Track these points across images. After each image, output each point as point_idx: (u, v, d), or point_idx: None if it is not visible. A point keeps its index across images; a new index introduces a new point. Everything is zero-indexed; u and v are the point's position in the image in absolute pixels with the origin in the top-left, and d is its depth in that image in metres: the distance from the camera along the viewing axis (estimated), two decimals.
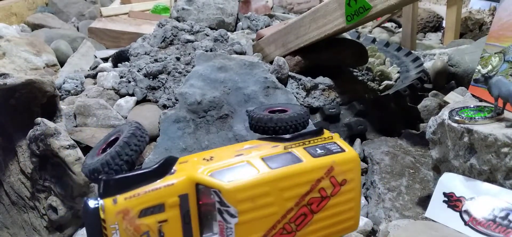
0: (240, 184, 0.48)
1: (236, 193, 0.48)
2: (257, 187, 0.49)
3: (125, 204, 0.46)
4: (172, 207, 0.48)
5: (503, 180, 0.60)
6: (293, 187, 0.51)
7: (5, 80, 0.71)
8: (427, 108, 1.11)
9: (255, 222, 0.49)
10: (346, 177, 0.54)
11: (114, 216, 0.45)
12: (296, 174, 0.51)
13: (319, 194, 0.52)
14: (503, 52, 0.71)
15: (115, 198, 0.46)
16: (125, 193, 0.46)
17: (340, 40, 1.12)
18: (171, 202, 0.48)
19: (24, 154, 0.77)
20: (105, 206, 0.46)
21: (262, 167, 0.51)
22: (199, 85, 0.92)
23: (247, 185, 0.49)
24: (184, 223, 0.49)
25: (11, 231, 0.78)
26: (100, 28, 1.51)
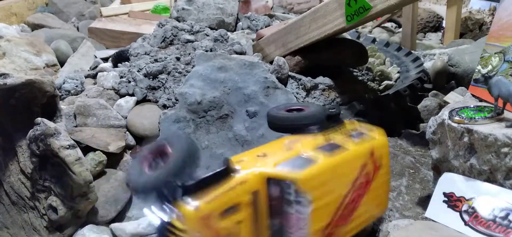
0: (312, 172, 0.49)
1: (310, 181, 0.48)
2: (324, 174, 0.50)
3: (207, 207, 0.43)
4: (246, 205, 0.47)
5: (503, 180, 0.60)
6: (347, 172, 0.53)
7: (5, 80, 0.71)
8: (427, 108, 1.11)
9: (324, 209, 0.50)
10: (382, 160, 0.57)
11: (197, 223, 0.43)
12: (349, 159, 0.53)
13: (364, 178, 0.54)
14: (503, 52, 0.71)
15: (196, 204, 0.43)
16: (202, 197, 0.43)
17: (340, 40, 1.12)
18: (246, 200, 0.47)
19: (24, 154, 0.77)
20: (185, 214, 0.42)
21: (319, 156, 0.51)
22: (199, 85, 0.92)
23: (317, 172, 0.49)
24: (255, 221, 0.48)
25: (11, 231, 0.78)
26: (100, 28, 1.51)
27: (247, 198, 0.47)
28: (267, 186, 0.49)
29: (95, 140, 0.85)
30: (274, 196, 0.50)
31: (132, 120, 0.93)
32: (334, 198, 0.51)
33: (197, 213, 0.43)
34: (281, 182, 0.49)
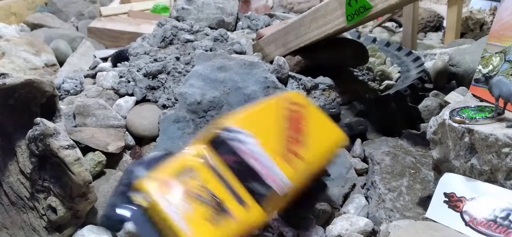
0: (234, 117, 0.62)
1: (239, 123, 0.60)
2: (245, 113, 0.64)
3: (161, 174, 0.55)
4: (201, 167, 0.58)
5: (503, 180, 0.60)
6: (267, 111, 0.66)
7: (4, 80, 0.71)
8: (428, 108, 1.11)
9: (269, 139, 0.60)
10: (300, 102, 0.70)
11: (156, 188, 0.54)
12: (263, 107, 0.67)
13: (292, 115, 0.66)
14: (504, 52, 0.71)
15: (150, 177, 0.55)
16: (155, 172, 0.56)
17: (341, 40, 1.12)
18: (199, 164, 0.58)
19: (23, 154, 0.77)
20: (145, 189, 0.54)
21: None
22: (199, 85, 0.92)
23: (240, 117, 0.63)
24: (217, 174, 0.57)
25: (10, 232, 0.78)
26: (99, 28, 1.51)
27: (198, 162, 0.58)
28: (211, 148, 0.59)
29: (94, 140, 0.85)
30: (221, 150, 0.59)
31: (131, 120, 0.93)
32: (268, 128, 0.62)
33: (147, 180, 0.54)
34: (220, 134, 0.60)
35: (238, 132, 0.59)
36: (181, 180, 0.55)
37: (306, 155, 0.61)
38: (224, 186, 0.57)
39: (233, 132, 0.59)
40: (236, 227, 0.54)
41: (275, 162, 0.57)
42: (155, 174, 0.55)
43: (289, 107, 0.67)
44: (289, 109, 0.67)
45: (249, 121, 0.62)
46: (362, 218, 0.76)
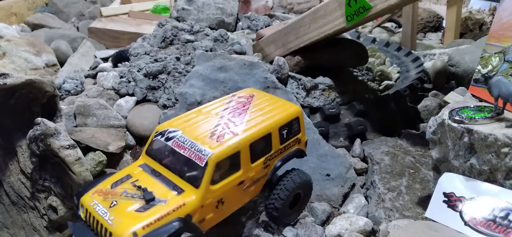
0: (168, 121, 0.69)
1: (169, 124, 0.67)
2: (183, 117, 0.69)
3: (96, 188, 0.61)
4: (139, 173, 0.63)
5: (503, 180, 0.60)
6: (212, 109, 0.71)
7: (5, 80, 0.71)
8: (427, 108, 1.11)
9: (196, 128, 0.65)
10: (251, 93, 0.76)
11: (88, 199, 0.60)
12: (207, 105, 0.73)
13: (236, 104, 0.72)
14: (503, 52, 0.71)
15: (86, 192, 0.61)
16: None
17: (340, 40, 1.12)
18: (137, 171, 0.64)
19: (24, 154, 0.77)
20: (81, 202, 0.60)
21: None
22: (199, 85, 0.92)
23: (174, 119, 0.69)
24: (154, 174, 0.63)
25: (11, 231, 0.78)
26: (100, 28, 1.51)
27: (135, 170, 0.64)
28: (148, 156, 0.66)
29: (95, 140, 0.85)
30: (154, 154, 0.65)
31: (132, 119, 0.93)
32: (205, 121, 0.67)
33: (87, 195, 0.60)
34: (153, 142, 0.66)
35: (166, 131, 0.65)
36: (115, 186, 0.61)
37: (242, 131, 0.64)
38: (159, 181, 0.61)
39: (163, 133, 0.65)
40: (166, 209, 0.57)
41: (197, 142, 0.62)
42: (94, 189, 0.61)
43: (237, 100, 0.73)
44: (236, 102, 0.73)
45: (183, 121, 0.68)
46: (361, 217, 0.77)
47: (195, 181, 0.60)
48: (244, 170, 0.64)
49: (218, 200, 0.61)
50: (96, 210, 0.57)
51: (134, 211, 0.56)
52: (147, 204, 0.57)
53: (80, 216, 0.61)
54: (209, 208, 0.61)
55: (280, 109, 0.71)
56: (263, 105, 0.72)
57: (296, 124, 0.71)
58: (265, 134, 0.66)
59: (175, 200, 0.58)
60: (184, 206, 0.58)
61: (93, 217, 0.57)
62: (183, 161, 0.61)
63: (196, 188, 0.59)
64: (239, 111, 0.70)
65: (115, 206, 0.57)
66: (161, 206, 0.57)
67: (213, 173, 0.59)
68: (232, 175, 0.63)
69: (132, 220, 0.55)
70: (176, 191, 0.59)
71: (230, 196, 0.63)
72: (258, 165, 0.66)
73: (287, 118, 0.69)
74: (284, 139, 0.69)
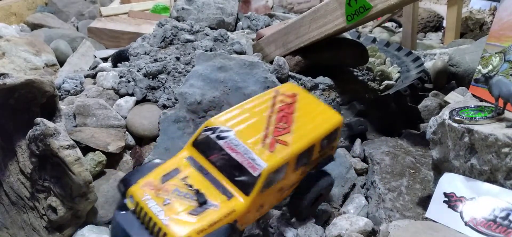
0: (217, 116, 0.68)
1: (218, 119, 0.67)
2: (230, 112, 0.69)
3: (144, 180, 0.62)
4: (186, 166, 0.64)
5: (503, 180, 0.60)
6: (256, 107, 0.71)
7: (5, 80, 0.71)
8: (428, 108, 1.11)
9: (249, 129, 0.66)
10: (292, 91, 0.76)
11: (139, 190, 0.60)
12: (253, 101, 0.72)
13: (281, 104, 0.72)
14: (504, 52, 0.71)
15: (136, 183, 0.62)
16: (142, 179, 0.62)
17: (341, 40, 1.12)
18: (183, 164, 0.65)
19: (23, 154, 0.77)
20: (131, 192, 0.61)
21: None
22: (199, 85, 0.92)
23: (222, 114, 0.69)
24: (202, 171, 0.63)
25: (10, 231, 0.78)
26: (99, 28, 1.50)
27: (183, 162, 0.65)
28: (195, 149, 0.66)
29: (94, 140, 0.85)
30: (203, 148, 0.65)
31: (131, 119, 0.93)
32: (254, 122, 0.67)
33: (136, 186, 0.61)
34: (201, 135, 0.66)
35: (218, 128, 0.65)
36: (166, 180, 0.61)
37: (291, 141, 0.65)
38: (208, 180, 0.62)
39: (214, 130, 0.65)
40: (218, 215, 0.58)
41: (250, 148, 0.62)
42: (143, 180, 0.62)
43: (281, 100, 0.73)
44: (281, 101, 0.73)
45: (232, 117, 0.67)
46: (362, 218, 0.77)
47: (246, 188, 0.61)
48: (287, 178, 0.66)
49: (260, 204, 0.63)
50: (149, 207, 0.58)
51: (188, 213, 0.57)
52: (200, 206, 0.58)
53: (125, 204, 0.61)
54: (253, 212, 0.63)
55: (324, 117, 0.72)
56: (308, 111, 0.72)
57: (336, 133, 0.73)
58: (310, 146, 0.67)
59: (226, 206, 0.59)
60: (234, 213, 0.59)
61: (145, 212, 0.58)
62: (235, 165, 0.62)
63: (246, 195, 0.60)
64: (286, 115, 0.70)
65: (169, 205, 0.58)
66: (214, 211, 0.58)
67: (264, 183, 0.60)
68: (278, 182, 0.64)
69: (187, 223, 0.56)
70: (226, 196, 0.60)
71: (270, 199, 0.65)
72: (298, 173, 0.68)
73: (330, 129, 0.71)
74: (323, 148, 0.71)
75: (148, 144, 0.91)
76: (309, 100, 0.75)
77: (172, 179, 0.62)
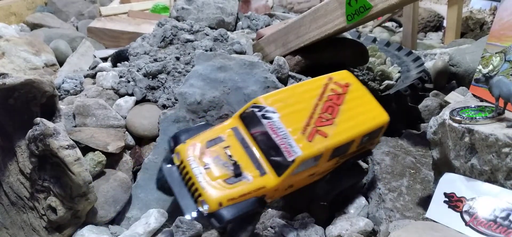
0: (267, 95, 0.72)
1: (267, 99, 0.70)
2: (280, 93, 0.72)
3: (191, 141, 0.68)
4: (229, 136, 0.70)
5: (504, 180, 0.60)
6: (307, 91, 0.73)
7: (4, 80, 0.71)
8: (428, 108, 1.11)
9: (293, 115, 0.68)
10: (346, 81, 0.76)
11: (185, 150, 0.67)
12: (303, 85, 0.76)
13: (331, 93, 0.73)
14: (504, 52, 0.71)
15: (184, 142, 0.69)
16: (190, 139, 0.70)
17: (341, 40, 1.12)
18: (227, 134, 0.70)
19: (23, 154, 0.77)
20: (178, 150, 0.69)
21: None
22: (199, 85, 0.92)
23: (272, 94, 0.72)
24: (243, 143, 0.68)
25: (10, 232, 0.78)
26: (99, 27, 1.50)
27: (227, 131, 0.70)
28: (241, 120, 0.71)
29: (94, 140, 0.85)
30: (248, 122, 0.70)
31: (131, 119, 0.92)
32: (300, 108, 0.70)
33: (184, 145, 0.68)
34: (248, 110, 0.71)
35: (264, 107, 0.69)
36: (210, 146, 0.68)
37: (331, 134, 0.68)
38: (246, 154, 0.67)
39: (261, 108, 0.69)
40: (249, 188, 0.63)
41: (290, 134, 0.66)
42: (191, 141, 0.69)
43: (333, 89, 0.75)
44: (332, 90, 0.74)
45: (281, 99, 0.71)
46: (362, 218, 0.76)
47: (279, 169, 0.65)
48: (320, 166, 0.69)
49: (289, 185, 0.68)
50: (192, 167, 0.65)
51: (223, 180, 0.64)
52: (235, 177, 0.64)
53: (171, 159, 0.69)
54: (281, 190, 0.68)
55: (370, 115, 0.74)
56: (356, 105, 0.74)
57: (379, 131, 0.76)
58: (349, 141, 0.70)
59: (258, 181, 0.65)
60: (264, 189, 0.64)
61: (187, 171, 0.65)
62: (273, 146, 0.66)
63: (277, 175, 0.65)
64: (333, 105, 0.72)
65: (208, 170, 0.64)
66: (246, 184, 0.64)
67: (296, 168, 0.65)
68: (309, 168, 0.68)
69: (221, 189, 0.62)
70: (260, 172, 0.66)
71: (299, 182, 0.70)
72: (332, 163, 0.71)
73: (373, 128, 0.73)
74: (362, 143, 0.74)
75: (148, 144, 0.91)
76: (360, 93, 0.76)
77: (215, 146, 0.68)
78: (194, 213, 0.63)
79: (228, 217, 0.61)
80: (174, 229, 0.73)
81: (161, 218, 0.76)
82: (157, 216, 0.76)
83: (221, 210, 0.61)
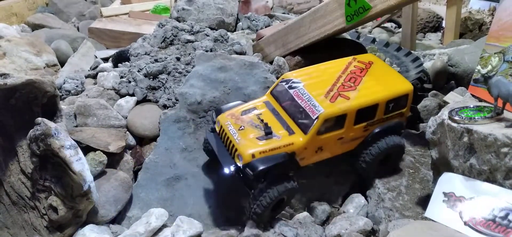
0: (294, 71, 0.84)
1: (294, 73, 0.82)
2: (306, 70, 0.83)
3: (229, 112, 0.78)
4: (261, 106, 0.79)
5: (502, 180, 0.61)
6: (332, 68, 0.83)
7: (6, 80, 0.72)
8: (427, 108, 1.11)
9: (317, 84, 0.78)
10: (369, 59, 0.86)
11: (224, 118, 0.77)
12: (329, 63, 0.85)
13: (354, 68, 0.83)
14: (503, 52, 0.71)
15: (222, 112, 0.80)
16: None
17: (340, 40, 1.12)
18: (260, 105, 0.80)
19: (24, 153, 0.77)
20: (218, 118, 0.78)
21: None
22: (199, 85, 0.93)
23: (298, 70, 0.84)
24: (274, 113, 0.77)
25: (11, 231, 0.78)
26: (100, 28, 1.51)
27: (260, 104, 0.80)
28: (271, 96, 0.81)
29: (95, 140, 0.85)
30: (278, 95, 0.80)
31: (132, 120, 0.93)
32: (324, 79, 0.79)
33: (223, 114, 0.78)
34: (278, 85, 0.80)
35: (291, 80, 0.79)
36: (245, 114, 0.77)
37: (354, 97, 0.74)
38: (277, 120, 0.75)
39: (287, 81, 0.79)
40: (278, 143, 0.71)
41: (314, 97, 0.74)
42: (229, 111, 0.78)
43: (356, 65, 0.83)
44: (355, 66, 0.83)
45: (306, 73, 0.81)
46: (361, 217, 0.77)
47: (305, 128, 0.72)
48: (347, 129, 0.75)
49: (319, 147, 0.74)
50: (229, 129, 0.74)
51: (255, 138, 0.71)
52: (266, 135, 0.72)
53: (214, 129, 0.78)
54: (311, 151, 0.73)
55: (393, 83, 0.80)
56: (378, 75, 0.81)
57: (404, 99, 0.80)
58: (372, 104, 0.75)
59: (286, 138, 0.72)
60: (292, 145, 0.71)
61: (225, 133, 0.74)
62: (299, 109, 0.74)
63: (304, 134, 0.72)
64: (356, 76, 0.80)
65: (243, 130, 0.73)
66: (276, 140, 0.71)
67: (320, 126, 0.71)
68: (336, 131, 0.74)
69: (253, 144, 0.70)
70: (288, 132, 0.73)
71: (329, 145, 0.75)
72: (359, 128, 0.76)
73: (396, 94, 0.78)
74: (388, 111, 0.78)
75: (149, 144, 0.92)
76: (383, 67, 0.85)
77: (249, 114, 0.77)
78: (232, 167, 0.71)
79: (261, 166, 0.68)
80: (174, 228, 0.74)
81: (162, 218, 0.76)
82: (158, 216, 0.76)
83: (254, 161, 0.68)
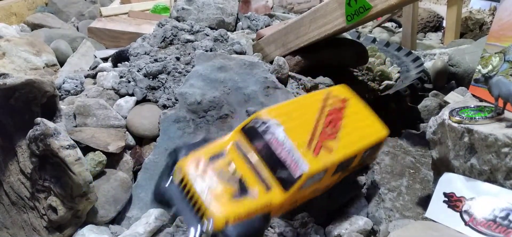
0: (269, 109, 0.70)
1: (270, 113, 0.68)
2: (280, 107, 0.71)
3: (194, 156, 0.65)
4: (232, 150, 0.67)
5: (503, 180, 0.60)
6: (307, 105, 0.72)
7: (5, 80, 0.72)
8: (427, 108, 1.11)
9: (297, 129, 0.66)
10: (344, 96, 0.76)
11: (187, 166, 0.63)
12: (302, 99, 0.78)
13: (331, 107, 0.72)
14: (504, 52, 0.71)
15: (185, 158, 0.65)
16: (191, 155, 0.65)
17: (340, 40, 1.12)
18: (229, 148, 0.67)
19: (24, 154, 0.77)
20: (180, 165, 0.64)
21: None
22: (199, 85, 0.92)
23: (274, 108, 0.70)
24: (246, 158, 0.65)
25: (11, 231, 0.78)
26: (100, 28, 1.51)
27: (229, 147, 0.67)
28: (243, 134, 0.68)
29: (95, 140, 0.85)
30: (252, 136, 0.67)
31: (132, 119, 0.93)
32: (303, 121, 0.68)
33: (185, 160, 0.64)
34: (250, 124, 0.68)
35: (268, 121, 0.66)
36: (213, 161, 0.64)
37: (336, 148, 0.66)
38: (251, 169, 0.64)
39: (264, 122, 0.67)
40: (255, 205, 0.61)
41: (296, 148, 0.63)
42: (192, 155, 0.65)
43: (332, 103, 0.74)
44: (331, 105, 0.73)
45: (283, 113, 0.69)
46: (361, 217, 0.77)
47: (285, 185, 0.63)
48: (324, 181, 0.68)
49: (295, 200, 0.66)
50: (194, 186, 0.61)
51: (228, 197, 0.61)
52: (240, 194, 0.61)
53: (170, 174, 0.65)
54: (287, 206, 0.66)
55: (370, 130, 0.74)
56: (355, 118, 0.73)
57: (378, 146, 0.75)
58: (352, 156, 0.69)
59: (264, 197, 0.62)
60: (270, 205, 0.62)
61: (189, 189, 0.62)
62: (278, 161, 0.64)
63: (284, 191, 0.63)
64: (334, 119, 0.71)
65: (214, 188, 0.61)
66: (252, 201, 0.61)
67: (303, 184, 0.63)
68: (315, 184, 0.66)
69: (226, 206, 0.59)
70: (265, 187, 0.63)
71: (304, 197, 0.68)
72: (335, 177, 0.70)
73: (373, 143, 0.73)
74: (363, 158, 0.74)
75: (148, 144, 0.92)
76: (358, 108, 0.76)
77: (218, 161, 0.65)
78: (198, 233, 0.60)
79: (236, 236, 0.58)
80: (174, 229, 0.74)
81: (161, 218, 0.76)
82: (157, 216, 0.76)
83: (228, 229, 0.58)
